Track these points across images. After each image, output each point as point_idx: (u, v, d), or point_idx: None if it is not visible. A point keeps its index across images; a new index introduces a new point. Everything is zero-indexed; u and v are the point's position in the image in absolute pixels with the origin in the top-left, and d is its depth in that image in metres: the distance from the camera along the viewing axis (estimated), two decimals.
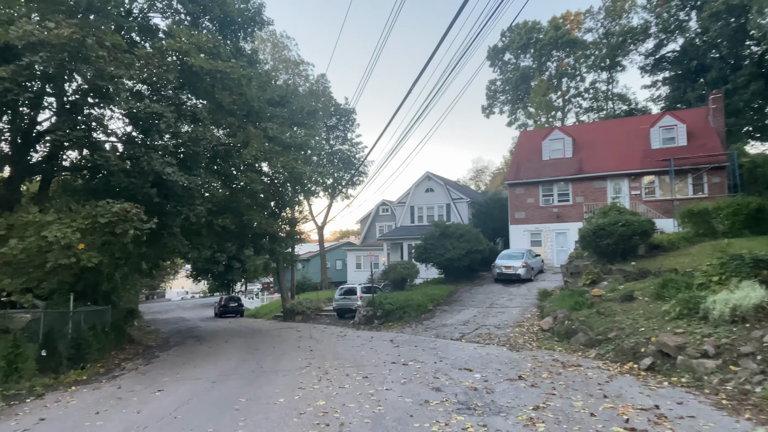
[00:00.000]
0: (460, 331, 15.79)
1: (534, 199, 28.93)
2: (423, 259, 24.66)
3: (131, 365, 13.12)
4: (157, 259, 22.00)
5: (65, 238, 8.82)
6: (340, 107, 40.41)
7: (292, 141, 15.60)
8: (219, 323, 29.94)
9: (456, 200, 35.23)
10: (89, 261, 9.63)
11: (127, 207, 9.74)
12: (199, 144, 12.14)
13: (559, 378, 8.86)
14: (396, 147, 58.35)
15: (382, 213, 47.19)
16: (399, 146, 43.07)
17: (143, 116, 10.70)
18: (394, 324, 18.60)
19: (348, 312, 23.54)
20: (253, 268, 40.55)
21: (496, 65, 51.77)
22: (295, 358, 12.19)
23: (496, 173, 73.90)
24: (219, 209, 15.33)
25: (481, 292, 22.17)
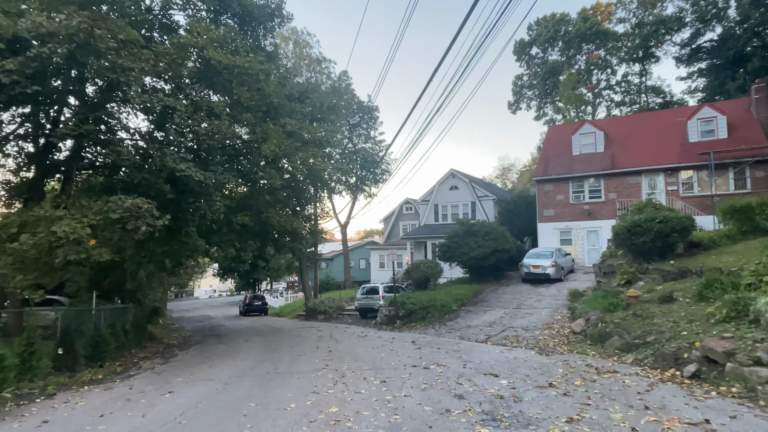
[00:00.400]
0: (485, 333, 15.11)
1: (564, 196, 27.86)
2: (447, 258, 23.98)
3: (148, 364, 12.93)
4: (179, 257, 22.01)
5: (74, 233, 8.60)
6: (363, 105, 39.98)
7: (312, 137, 15.20)
8: (242, 322, 29.92)
9: (481, 198, 34.37)
10: (100, 257, 9.41)
11: (139, 202, 9.48)
12: (215, 138, 11.83)
13: (594, 386, 8.14)
14: (418, 137, 57.53)
15: (406, 211, 46.60)
16: (422, 136, 42.34)
17: (157, 110, 10.45)
18: (417, 324, 18.02)
19: (370, 312, 23.11)
20: (277, 266, 40.54)
21: (522, 60, 50.53)
22: (313, 360, 11.75)
23: (522, 171, 72.41)
24: (238, 206, 15.06)
25: (507, 292, 21.37)
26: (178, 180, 11.35)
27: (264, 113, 15.68)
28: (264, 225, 15.43)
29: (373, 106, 40.52)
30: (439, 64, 13.29)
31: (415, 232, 37.34)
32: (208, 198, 11.92)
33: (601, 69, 46.76)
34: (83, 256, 9.05)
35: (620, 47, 46.31)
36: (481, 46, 13.18)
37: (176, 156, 10.90)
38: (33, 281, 9.42)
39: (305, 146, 15.11)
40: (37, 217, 9.08)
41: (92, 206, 9.50)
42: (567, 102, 44.73)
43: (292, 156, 14.50)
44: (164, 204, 11.53)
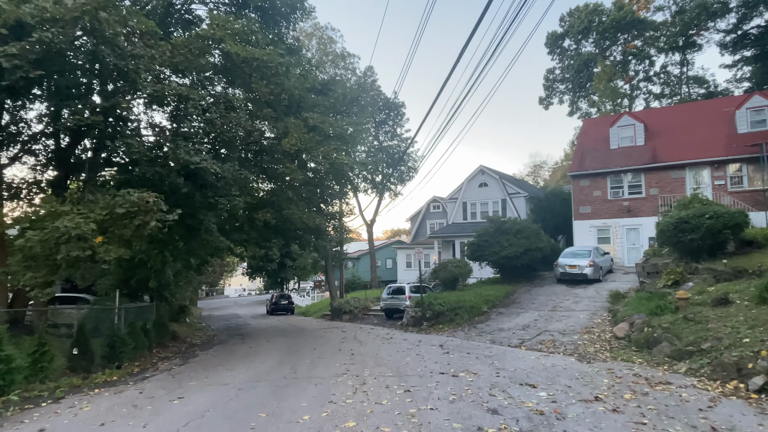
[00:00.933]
0: (519, 337, 14.15)
1: (601, 192, 26.42)
2: (476, 257, 22.99)
3: (166, 365, 12.53)
4: (204, 255, 21.79)
5: (77, 228, 8.17)
6: (389, 101, 39.23)
7: (335, 130, 14.56)
8: (268, 321, 29.64)
9: (512, 195, 33.13)
10: (107, 254, 8.98)
11: (146, 196, 9.00)
12: (233, 131, 11.32)
13: (647, 400, 7.17)
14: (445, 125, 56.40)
15: (433, 210, 45.63)
16: (449, 124, 41.32)
17: (170, 100, 10.00)
18: (445, 327, 17.16)
19: (396, 312, 22.36)
20: (302, 266, 40.28)
21: (554, 53, 48.78)
22: (333, 363, 11.08)
23: (555, 168, 70.33)
24: (259, 203, 14.57)
25: (542, 293, 20.25)
26: (195, 174, 10.88)
27: (286, 107, 15.16)
28: (286, 222, 14.89)
29: (399, 103, 39.73)
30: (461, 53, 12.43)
31: (442, 230, 36.38)
32: (226, 193, 11.40)
33: (638, 59, 44.63)
34: (88, 253, 8.63)
35: (658, 36, 44.09)
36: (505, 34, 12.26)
37: (190, 148, 10.41)
38: (42, 279, 9.06)
39: (327, 140, 14.49)
40: (44, 213, 8.72)
41: (99, 201, 9.08)
42: (602, 95, 42.82)
43: (314, 150, 13.88)
44: (180, 199, 11.08)
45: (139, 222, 8.96)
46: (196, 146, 10.90)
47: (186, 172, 10.78)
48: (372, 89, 37.17)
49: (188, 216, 12.04)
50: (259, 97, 12.30)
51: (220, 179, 10.93)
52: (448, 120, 40.28)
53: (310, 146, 13.68)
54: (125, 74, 9.40)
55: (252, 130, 12.10)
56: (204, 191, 11.34)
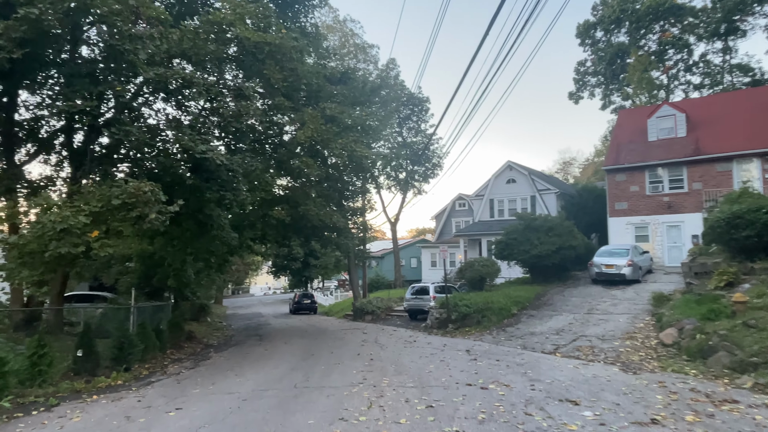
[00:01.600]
0: (552, 342, 13.02)
1: (639, 187, 24.82)
2: (505, 256, 21.80)
3: (176, 368, 11.90)
4: (224, 253, 21.30)
5: (63, 222, 7.53)
6: (413, 96, 38.18)
7: (354, 121, 13.71)
8: (290, 320, 29.07)
9: (542, 191, 31.69)
10: (102, 250, 8.32)
11: (142, 185, 8.30)
12: (244, 121, 10.58)
13: (714, 424, 6.05)
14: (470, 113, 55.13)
15: (459, 208, 44.37)
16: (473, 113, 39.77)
17: (172, 85, 9.31)
18: (472, 330, 16.11)
19: (420, 313, 21.40)
20: (324, 264, 39.65)
21: (586, 44, 46.80)
22: (350, 370, 10.21)
23: (585, 164, 67.97)
24: (273, 200, 13.84)
25: (575, 294, 18.95)
26: (201, 166, 10.17)
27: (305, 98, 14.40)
28: (302, 219, 14.12)
29: (423, 97, 38.63)
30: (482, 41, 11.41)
31: (468, 228, 35.18)
32: (234, 187, 10.69)
33: (676, 49, 42.31)
34: (80, 249, 7.99)
35: (698, 24, 41.69)
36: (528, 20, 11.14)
37: (195, 137, 9.70)
38: (38, 277, 8.48)
39: (346, 132, 13.65)
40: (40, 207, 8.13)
41: (95, 193, 8.44)
42: (637, 86, 40.73)
43: (332, 142, 13.04)
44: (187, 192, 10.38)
45: (137, 214, 8.28)
46: (202, 136, 10.21)
47: (192, 164, 10.08)
48: (395, 83, 36.21)
49: (198, 211, 11.39)
50: (273, 84, 11.51)
51: (229, 171, 10.20)
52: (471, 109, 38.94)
53: (327, 138, 12.84)
54: (121, 55, 8.74)
55: (264, 120, 11.34)
56: (210, 184, 10.63)
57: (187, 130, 9.80)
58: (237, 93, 10.93)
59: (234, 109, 10.49)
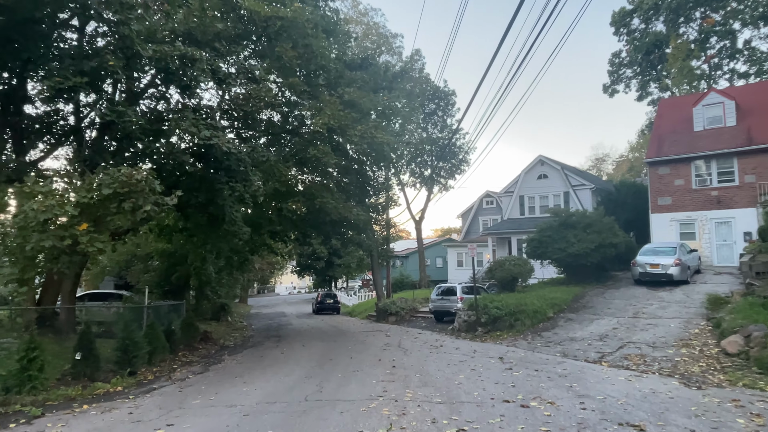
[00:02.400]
0: (596, 350, 11.67)
1: (684, 181, 22.97)
2: (538, 254, 20.36)
3: (183, 373, 11.05)
4: (246, 251, 20.59)
5: (47, 212, 6.69)
6: (439, 89, 36.87)
7: (374, 106, 12.65)
8: (311, 321, 28.23)
9: (576, 187, 29.98)
10: (90, 245, 7.45)
11: (134, 172, 7.39)
12: (253, 104, 9.65)
13: None
14: (496, 103, 53.43)
15: (486, 206, 42.87)
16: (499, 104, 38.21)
17: (172, 63, 8.43)
18: (503, 334, 14.83)
19: (446, 315, 20.20)
20: (347, 264, 38.76)
21: (621, 33, 44.55)
22: (369, 379, 9.13)
23: (619, 161, 65.26)
24: (288, 191, 12.89)
25: (617, 296, 17.43)
26: (208, 155, 9.26)
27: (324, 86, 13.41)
28: (319, 213, 13.11)
29: (449, 91, 37.26)
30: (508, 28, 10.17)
31: (497, 227, 33.70)
32: (244, 177, 9.75)
33: (719, 36, 39.73)
34: (67, 242, 7.14)
35: (742, 9, 39.05)
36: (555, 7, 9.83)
37: (199, 122, 8.79)
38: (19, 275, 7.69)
39: (366, 118, 12.59)
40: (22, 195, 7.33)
41: (86, 180, 7.58)
42: (678, 76, 38.38)
43: (350, 129, 12.00)
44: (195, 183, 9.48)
45: (130, 205, 7.40)
46: (208, 122, 9.31)
47: (198, 152, 9.20)
48: (420, 76, 35.00)
49: (208, 204, 10.50)
50: (286, 62, 10.52)
51: (238, 160, 9.27)
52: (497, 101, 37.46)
53: (345, 124, 11.80)
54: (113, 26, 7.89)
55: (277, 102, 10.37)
56: (219, 174, 9.73)
57: (190, 115, 8.89)
58: (247, 75, 10.01)
59: (244, 92, 9.56)
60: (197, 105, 9.71)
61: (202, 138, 8.61)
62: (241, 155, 9.30)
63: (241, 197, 9.95)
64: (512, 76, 22.27)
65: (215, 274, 26.27)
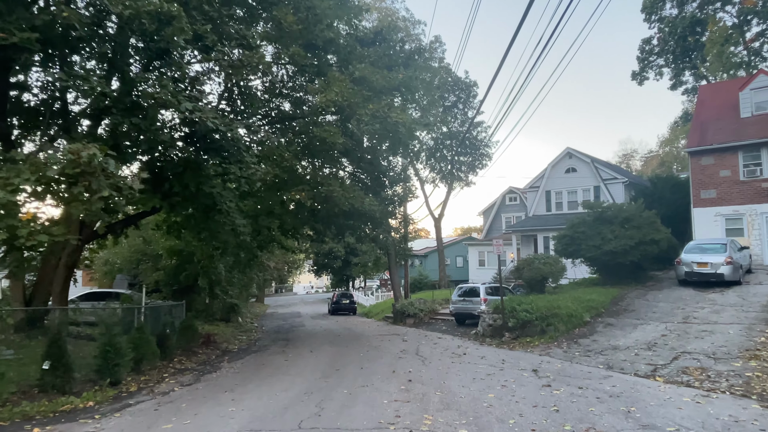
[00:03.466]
0: (647, 361, 10.00)
1: (730, 172, 20.90)
2: (570, 252, 18.59)
3: (169, 385, 9.75)
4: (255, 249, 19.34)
5: None
6: (460, 80, 35.18)
7: (388, 83, 11.19)
8: (325, 322, 26.91)
9: (607, 181, 28.00)
10: (30, 239, 6.11)
11: (79, 147, 5.97)
12: (244, 73, 8.28)
13: None
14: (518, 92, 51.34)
15: (509, 202, 40.98)
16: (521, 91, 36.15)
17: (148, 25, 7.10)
18: (534, 340, 13.20)
19: (469, 318, 18.60)
20: (363, 263, 37.34)
21: (651, 20, 42.13)
22: (379, 399, 7.65)
23: (648, 156, 62.46)
24: (291, 179, 11.51)
25: (661, 298, 15.61)
26: (195, 134, 7.93)
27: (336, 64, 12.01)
28: (327, 202, 11.70)
29: (470, 82, 35.55)
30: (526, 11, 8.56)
31: (521, 224, 31.87)
32: (239, 158, 8.37)
33: (759, 18, 37.04)
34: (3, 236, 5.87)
35: None
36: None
37: (179, 92, 7.43)
38: None
39: (378, 96, 11.14)
40: None
41: (34, 161, 6.25)
42: (716, 62, 35.88)
43: (360, 108, 10.55)
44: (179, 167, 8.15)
45: (79, 191, 6.06)
46: (190, 90, 7.98)
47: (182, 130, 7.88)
48: (440, 66, 33.33)
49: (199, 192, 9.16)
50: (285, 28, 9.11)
51: (229, 139, 7.92)
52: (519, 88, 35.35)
53: (355, 102, 10.35)
54: None
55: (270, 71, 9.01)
56: (209, 156, 8.40)
57: (168, 83, 7.54)
58: (240, 42, 8.64)
59: (235, 60, 8.20)
60: (181, 76, 8.36)
61: (182, 111, 7.26)
62: (233, 133, 7.95)
63: (238, 183, 8.58)
64: (534, 63, 20.52)
65: (226, 272, 25.17)
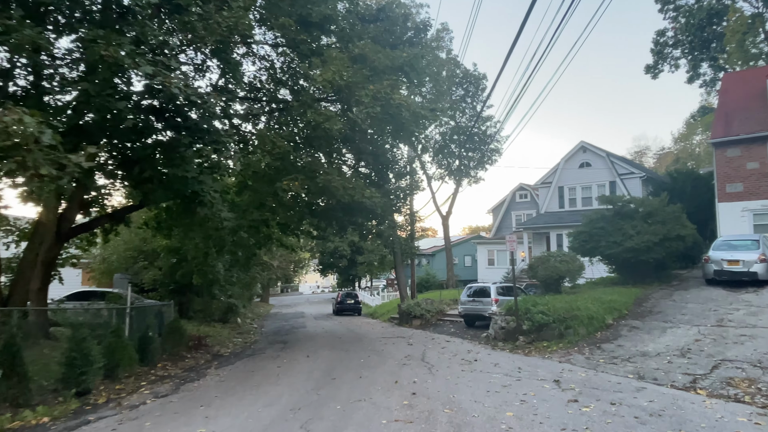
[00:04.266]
0: (683, 370, 8.79)
1: (759, 164, 19.54)
2: (587, 250, 17.35)
3: (142, 396, 8.67)
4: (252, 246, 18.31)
5: None
6: (469, 73, 33.94)
7: (391, 62, 10.06)
8: (328, 323, 25.84)
9: (624, 176, 26.67)
10: None
11: (6, 113, 4.87)
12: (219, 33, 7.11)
13: None
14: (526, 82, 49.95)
15: (519, 200, 39.68)
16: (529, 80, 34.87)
17: None
18: (552, 345, 11.99)
19: (479, 319, 17.42)
20: (370, 261, 36.22)
21: (666, 11, 40.63)
22: (377, 418, 6.51)
23: (662, 153, 60.80)
24: (285, 167, 10.39)
25: (689, 299, 14.34)
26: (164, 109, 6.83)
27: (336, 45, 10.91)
28: (323, 193, 10.57)
29: (479, 74, 34.28)
30: None
31: (533, 221, 30.61)
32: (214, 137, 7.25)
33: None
34: None
35: None
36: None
37: (140, 55, 6.30)
38: None
39: (379, 76, 10.01)
40: None
41: None
42: (737, 51, 34.31)
43: (360, 88, 9.42)
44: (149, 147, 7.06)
45: (14, 166, 4.98)
46: (156, 57, 6.88)
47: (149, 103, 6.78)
48: (447, 58, 32.16)
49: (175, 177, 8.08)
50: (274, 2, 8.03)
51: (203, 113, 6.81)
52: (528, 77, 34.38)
53: (354, 81, 9.22)
54: None
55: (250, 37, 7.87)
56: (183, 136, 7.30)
57: (125, 42, 6.44)
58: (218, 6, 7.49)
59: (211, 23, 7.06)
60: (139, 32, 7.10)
61: (142, 75, 6.17)
62: (207, 105, 6.82)
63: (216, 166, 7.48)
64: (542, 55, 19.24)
65: (225, 271, 24.20)
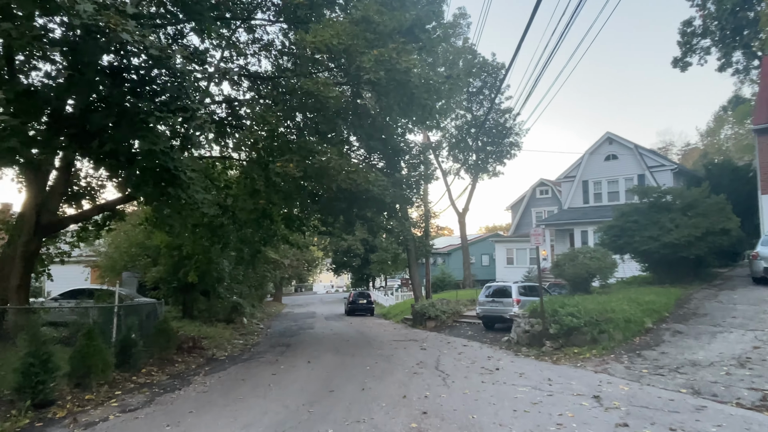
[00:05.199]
0: (746, 384, 7.31)
1: None
2: (618, 246, 15.78)
3: (108, 410, 7.49)
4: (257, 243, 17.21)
5: None
6: (487, 63, 32.44)
7: (398, 23, 8.78)
8: (338, 324, 24.61)
9: (653, 168, 24.92)
10: None
11: None
12: None
13: None
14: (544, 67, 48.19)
15: (540, 196, 37.94)
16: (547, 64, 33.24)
17: None
18: (584, 351, 10.53)
19: (499, 321, 15.98)
20: (382, 260, 34.92)
21: None
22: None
23: (687, 149, 58.29)
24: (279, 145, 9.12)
25: (738, 300, 12.74)
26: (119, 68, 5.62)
27: None
28: (320, 177, 9.27)
29: (497, 65, 32.76)
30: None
31: (555, 217, 28.97)
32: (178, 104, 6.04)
33: None
34: None
35: None
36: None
37: None
38: None
39: (383, 39, 8.71)
40: None
41: None
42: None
43: (361, 54, 8.13)
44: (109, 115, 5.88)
45: None
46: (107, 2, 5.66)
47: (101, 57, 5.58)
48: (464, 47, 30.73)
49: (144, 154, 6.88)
50: None
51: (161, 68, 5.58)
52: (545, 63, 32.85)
53: (354, 44, 7.93)
54: None
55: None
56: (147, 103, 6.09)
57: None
58: None
59: None
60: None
61: (78, 15, 4.96)
62: (163, 60, 5.58)
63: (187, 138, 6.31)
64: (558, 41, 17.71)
65: (231, 269, 23.21)
